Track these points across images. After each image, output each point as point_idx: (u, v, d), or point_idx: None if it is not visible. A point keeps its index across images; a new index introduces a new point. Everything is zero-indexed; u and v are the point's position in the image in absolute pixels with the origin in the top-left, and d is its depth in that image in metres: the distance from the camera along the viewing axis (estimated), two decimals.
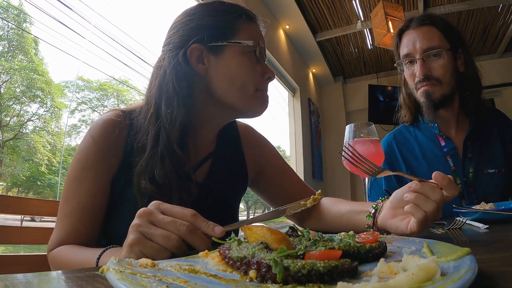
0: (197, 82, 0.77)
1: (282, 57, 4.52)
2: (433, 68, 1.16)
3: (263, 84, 0.82)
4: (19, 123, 6.45)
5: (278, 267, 0.28)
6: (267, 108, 0.84)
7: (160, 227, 0.49)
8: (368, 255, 0.38)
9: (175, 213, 0.50)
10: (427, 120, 1.28)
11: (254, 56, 0.78)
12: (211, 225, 0.50)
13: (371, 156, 0.86)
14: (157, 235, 0.48)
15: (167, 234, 0.48)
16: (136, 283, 0.27)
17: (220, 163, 0.87)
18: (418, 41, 1.17)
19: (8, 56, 6.12)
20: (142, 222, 0.49)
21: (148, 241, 0.48)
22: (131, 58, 8.02)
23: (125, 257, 0.48)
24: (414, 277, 0.25)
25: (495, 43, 5.20)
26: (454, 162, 1.21)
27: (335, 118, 6.25)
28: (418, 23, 1.20)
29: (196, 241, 0.49)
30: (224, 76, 0.76)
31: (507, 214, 0.76)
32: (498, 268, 0.34)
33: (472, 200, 1.16)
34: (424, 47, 1.16)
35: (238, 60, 0.76)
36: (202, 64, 0.76)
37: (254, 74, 0.78)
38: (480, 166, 1.20)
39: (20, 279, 0.37)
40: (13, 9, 5.73)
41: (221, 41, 0.76)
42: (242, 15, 0.79)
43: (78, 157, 0.73)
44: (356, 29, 4.77)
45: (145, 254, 0.48)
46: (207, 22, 0.77)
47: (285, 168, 1.00)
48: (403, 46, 1.23)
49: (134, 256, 0.48)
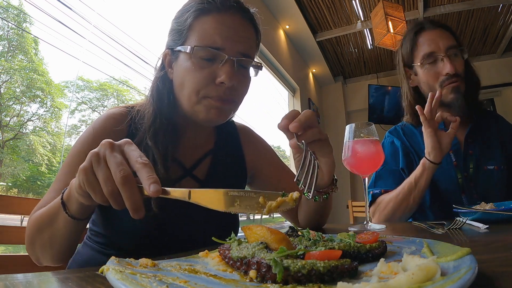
0: (170, 84, 0.79)
1: (282, 57, 4.51)
2: (457, 65, 1.19)
3: (214, 90, 0.72)
4: (19, 123, 6.46)
5: (278, 267, 0.28)
6: (219, 117, 0.75)
7: (107, 165, 0.46)
8: (368, 255, 0.38)
9: (129, 156, 0.47)
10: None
11: (203, 61, 0.71)
12: (151, 180, 0.44)
13: (371, 156, 0.86)
14: (99, 174, 0.46)
15: (105, 177, 0.45)
16: (136, 283, 0.27)
17: (220, 160, 0.88)
18: (440, 40, 1.20)
19: (8, 56, 6.12)
20: (100, 152, 0.47)
21: (92, 175, 0.46)
22: (131, 58, 8.03)
23: (75, 184, 0.50)
24: (414, 277, 0.25)
25: (495, 43, 5.20)
26: (456, 157, 1.23)
27: (335, 118, 6.25)
28: (433, 24, 1.24)
29: (125, 194, 0.44)
30: (177, 81, 0.77)
31: (507, 214, 0.76)
32: (498, 268, 0.34)
33: (472, 195, 1.17)
34: (448, 44, 1.19)
35: (185, 66, 0.73)
36: (171, 68, 0.79)
37: (200, 80, 0.71)
38: (480, 162, 1.22)
39: (20, 279, 0.37)
40: (13, 9, 5.73)
41: (175, 46, 0.76)
42: (194, 11, 0.72)
43: (76, 145, 0.75)
44: (356, 29, 4.77)
45: (86, 188, 0.47)
46: (172, 26, 0.78)
47: (281, 167, 1.01)
48: (423, 46, 1.23)
49: (78, 184, 0.48)
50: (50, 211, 0.60)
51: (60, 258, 0.67)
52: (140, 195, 0.45)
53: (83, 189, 0.48)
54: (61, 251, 0.64)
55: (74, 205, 0.55)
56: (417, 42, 1.26)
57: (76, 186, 0.50)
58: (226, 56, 0.71)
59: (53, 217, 0.59)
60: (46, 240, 0.62)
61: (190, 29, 0.73)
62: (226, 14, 0.72)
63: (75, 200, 0.53)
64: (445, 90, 1.20)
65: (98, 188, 0.46)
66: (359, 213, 3.77)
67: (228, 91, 0.73)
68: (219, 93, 0.72)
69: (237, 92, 0.76)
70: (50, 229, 0.61)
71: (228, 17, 0.72)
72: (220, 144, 0.90)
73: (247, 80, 0.79)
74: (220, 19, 0.72)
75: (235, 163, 0.92)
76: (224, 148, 0.90)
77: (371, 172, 0.88)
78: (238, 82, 0.74)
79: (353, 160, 0.87)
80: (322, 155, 0.68)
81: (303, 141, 0.61)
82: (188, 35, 0.73)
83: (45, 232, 0.61)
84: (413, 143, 1.31)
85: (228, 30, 0.71)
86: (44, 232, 0.62)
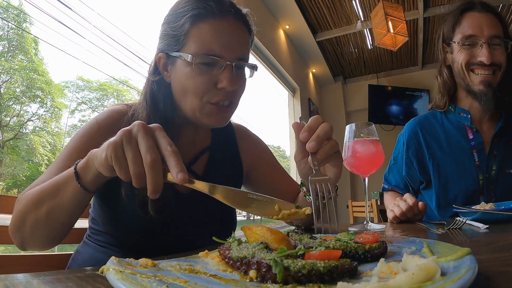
0: (167, 87, 0.80)
1: (282, 57, 4.52)
2: (496, 54, 1.13)
3: (216, 95, 0.74)
4: (19, 123, 6.46)
5: (278, 267, 0.28)
6: (221, 122, 0.79)
7: (137, 146, 0.48)
8: (368, 256, 0.38)
9: (160, 142, 0.49)
10: (459, 109, 1.25)
11: (203, 66, 0.73)
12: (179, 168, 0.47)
13: (371, 156, 0.86)
14: (128, 152, 0.48)
15: (134, 157, 0.47)
16: (136, 283, 0.27)
17: (217, 158, 0.89)
18: (485, 25, 1.13)
19: (8, 56, 6.12)
20: (133, 131, 0.49)
21: (121, 151, 0.48)
22: (131, 58, 8.02)
23: (98, 156, 0.51)
24: (414, 277, 0.25)
25: None
26: (479, 157, 1.18)
27: (335, 118, 6.25)
28: (484, 7, 1.16)
29: (150, 176, 0.47)
30: (177, 87, 0.77)
31: (507, 214, 0.75)
32: (498, 268, 0.34)
33: (491, 197, 1.13)
34: (492, 33, 1.12)
35: (186, 72, 0.74)
36: (167, 71, 0.79)
37: (202, 86, 0.73)
38: (503, 164, 1.17)
39: (20, 279, 0.37)
40: (13, 9, 5.73)
41: (172, 51, 0.76)
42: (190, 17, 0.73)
43: (78, 134, 0.75)
44: (356, 29, 4.77)
45: (112, 162, 0.48)
46: (165, 30, 0.78)
47: (276, 166, 1.02)
48: (466, 26, 1.16)
49: (104, 157, 0.49)
50: (57, 182, 0.60)
51: (52, 239, 0.65)
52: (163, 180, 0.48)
53: (109, 162, 0.49)
54: (56, 228, 0.63)
55: (90, 175, 0.56)
56: (461, 20, 1.18)
57: (101, 158, 0.51)
58: (226, 62, 0.73)
59: (58, 188, 0.59)
60: (43, 215, 0.60)
61: (187, 35, 0.73)
62: (223, 20, 0.74)
63: (93, 171, 0.55)
64: (473, 77, 1.15)
65: (125, 165, 0.48)
66: (359, 213, 3.76)
67: (229, 94, 0.75)
68: (220, 97, 0.75)
69: (236, 95, 0.79)
70: (51, 202, 0.59)
71: (224, 23, 0.74)
72: (216, 142, 0.92)
73: (244, 81, 0.81)
74: (217, 26, 0.73)
75: (231, 161, 0.94)
76: (220, 146, 0.92)
77: (371, 172, 0.88)
78: (238, 86, 0.77)
79: (353, 160, 0.87)
80: (333, 165, 0.69)
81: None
82: (185, 41, 0.74)
83: (44, 206, 0.60)
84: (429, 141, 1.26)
85: (225, 37, 0.73)
86: (43, 206, 0.60)
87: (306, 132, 0.62)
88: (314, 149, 0.61)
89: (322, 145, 0.62)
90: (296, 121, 0.67)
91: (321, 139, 0.61)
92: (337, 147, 0.65)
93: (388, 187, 1.36)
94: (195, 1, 0.74)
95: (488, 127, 1.22)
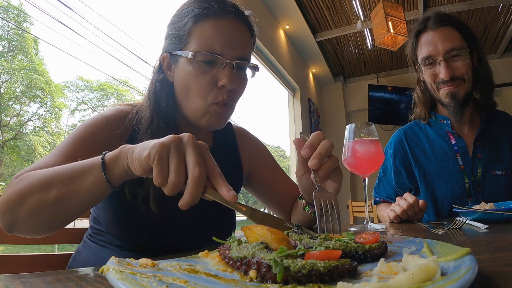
0: (170, 86, 0.80)
1: (282, 57, 4.51)
2: (456, 68, 1.16)
3: (219, 95, 0.74)
4: (19, 123, 6.46)
5: (278, 267, 0.28)
6: (219, 123, 0.78)
7: (184, 157, 0.48)
8: (368, 256, 0.38)
9: (206, 160, 0.49)
10: (440, 116, 1.29)
11: (204, 65, 0.73)
12: (229, 187, 0.48)
13: (371, 156, 0.86)
14: (173, 159, 0.47)
15: (178, 166, 0.47)
16: (136, 283, 0.27)
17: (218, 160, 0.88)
18: (439, 42, 1.16)
19: (8, 56, 6.12)
20: (183, 140, 0.48)
21: (166, 155, 0.47)
22: (131, 58, 8.03)
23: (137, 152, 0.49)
24: (414, 277, 0.24)
25: (495, 43, 5.20)
26: (463, 161, 1.21)
27: (335, 118, 6.25)
28: (436, 23, 1.19)
29: (192, 189, 0.46)
30: (180, 86, 0.78)
31: (507, 214, 0.76)
32: (498, 268, 0.34)
33: (479, 200, 1.15)
34: (447, 48, 1.15)
35: (187, 70, 0.74)
36: (170, 71, 0.80)
37: (203, 84, 0.74)
38: (488, 166, 1.19)
39: (20, 279, 0.37)
40: (13, 9, 5.73)
41: (175, 51, 0.77)
42: (192, 16, 0.74)
43: (85, 124, 0.74)
44: (356, 29, 4.77)
45: (153, 162, 0.47)
46: (170, 30, 0.79)
47: (275, 168, 1.03)
48: (422, 48, 1.21)
49: (146, 155, 0.47)
50: (75, 168, 0.55)
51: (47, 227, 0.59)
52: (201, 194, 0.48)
53: (149, 162, 0.48)
54: (59, 217, 0.58)
55: (117, 169, 0.53)
56: (418, 42, 1.24)
57: (141, 155, 0.49)
58: (226, 60, 0.73)
59: (76, 175, 0.55)
60: (50, 200, 0.54)
61: (189, 34, 0.74)
62: (224, 20, 0.74)
63: (122, 165, 0.52)
64: (441, 92, 1.20)
65: (165, 170, 0.47)
66: (359, 213, 3.76)
67: (229, 93, 0.75)
68: (221, 96, 0.75)
69: (236, 95, 0.79)
70: (65, 188, 0.54)
71: (226, 23, 0.74)
72: (217, 145, 0.92)
73: (245, 82, 0.81)
74: (218, 25, 0.73)
75: (232, 164, 0.94)
76: (222, 149, 0.92)
77: (371, 172, 0.88)
78: (238, 84, 0.76)
79: (353, 160, 0.87)
80: (334, 181, 0.69)
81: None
82: (188, 40, 0.74)
83: (54, 190, 0.54)
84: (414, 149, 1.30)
85: (226, 36, 0.73)
86: (52, 190, 0.54)
87: (308, 149, 0.63)
88: (317, 166, 0.62)
89: (323, 162, 0.63)
90: (297, 137, 0.68)
91: (322, 157, 0.63)
92: (337, 163, 0.66)
93: (379, 199, 1.37)
94: (198, 1, 0.75)
95: (469, 131, 1.25)
